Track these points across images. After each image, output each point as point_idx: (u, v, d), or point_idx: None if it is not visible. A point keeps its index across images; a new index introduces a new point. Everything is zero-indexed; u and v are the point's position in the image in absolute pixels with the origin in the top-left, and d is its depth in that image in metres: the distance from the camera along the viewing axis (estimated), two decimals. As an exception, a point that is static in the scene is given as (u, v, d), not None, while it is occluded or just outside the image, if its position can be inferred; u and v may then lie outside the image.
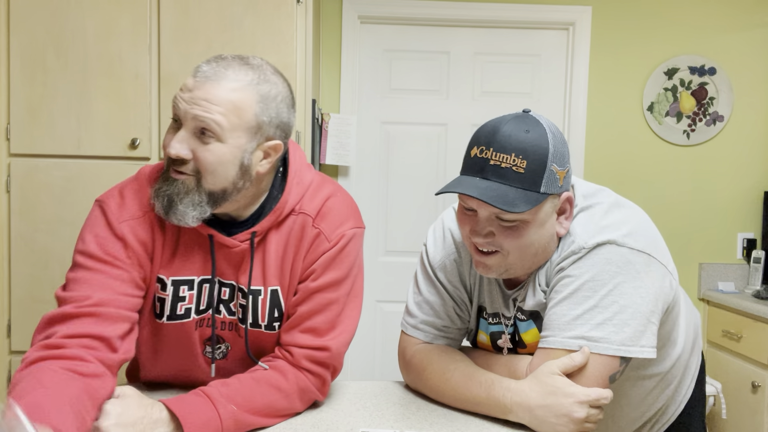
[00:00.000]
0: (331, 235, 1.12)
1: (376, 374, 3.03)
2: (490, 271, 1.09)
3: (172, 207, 1.03)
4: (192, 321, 1.14)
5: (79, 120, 2.13)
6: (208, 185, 1.03)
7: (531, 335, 1.14)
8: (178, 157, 1.01)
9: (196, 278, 1.12)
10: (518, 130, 1.01)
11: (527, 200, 1.00)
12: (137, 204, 1.09)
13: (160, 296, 1.12)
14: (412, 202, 3.01)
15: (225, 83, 1.00)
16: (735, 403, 2.69)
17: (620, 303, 1.02)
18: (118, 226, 1.07)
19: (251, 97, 1.02)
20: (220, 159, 1.01)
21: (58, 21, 2.11)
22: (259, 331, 1.15)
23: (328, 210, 1.14)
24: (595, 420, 1.01)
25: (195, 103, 0.99)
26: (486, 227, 1.05)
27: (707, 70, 2.95)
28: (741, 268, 3.01)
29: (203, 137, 1.01)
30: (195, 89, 1.00)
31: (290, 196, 1.12)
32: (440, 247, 1.24)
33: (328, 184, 1.19)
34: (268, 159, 1.07)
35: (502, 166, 1.00)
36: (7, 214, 2.13)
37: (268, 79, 1.05)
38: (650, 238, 1.08)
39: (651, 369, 1.17)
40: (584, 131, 2.97)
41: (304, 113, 2.18)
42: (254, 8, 2.14)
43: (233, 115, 1.00)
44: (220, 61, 1.03)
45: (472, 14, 2.91)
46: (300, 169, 1.15)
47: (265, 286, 1.13)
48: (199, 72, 1.01)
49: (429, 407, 1.16)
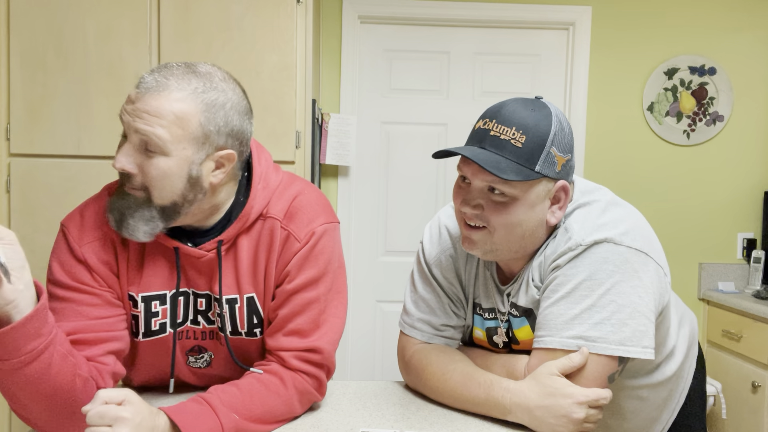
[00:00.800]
0: (301, 234, 1.10)
1: (376, 374, 3.03)
2: (475, 246, 1.08)
3: (123, 222, 1.00)
4: (169, 335, 1.12)
5: (79, 120, 2.13)
6: (156, 200, 1.00)
7: (524, 332, 1.14)
8: (123, 171, 0.99)
9: (168, 292, 1.09)
10: (524, 108, 1.04)
11: (519, 173, 1.00)
12: (97, 224, 1.07)
13: (134, 314, 1.09)
14: (412, 202, 3.01)
15: (167, 93, 0.96)
16: (735, 403, 2.69)
17: (618, 302, 1.01)
18: (79, 250, 1.05)
19: (195, 107, 0.97)
20: (165, 173, 0.98)
21: (58, 21, 2.11)
22: (240, 339, 1.14)
23: (295, 210, 1.11)
24: (595, 420, 1.01)
25: (137, 116, 0.96)
26: (476, 198, 1.05)
27: (707, 70, 2.95)
28: (741, 268, 3.01)
29: (147, 151, 0.97)
30: (137, 101, 0.96)
31: (256, 201, 1.08)
32: (436, 243, 1.24)
33: (297, 183, 1.16)
34: (222, 169, 1.03)
35: (501, 138, 1.02)
36: (7, 214, 2.13)
37: (215, 86, 1.00)
38: (647, 237, 1.08)
39: (647, 379, 1.17)
40: (584, 131, 2.97)
41: (304, 113, 2.18)
42: (254, 8, 2.14)
43: (176, 126, 0.96)
44: (163, 70, 0.99)
45: (472, 14, 2.91)
46: (265, 172, 1.12)
47: (240, 293, 1.10)
48: (141, 83, 0.97)
49: (429, 407, 1.16)
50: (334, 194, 2.96)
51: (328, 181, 2.96)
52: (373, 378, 3.01)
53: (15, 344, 0.86)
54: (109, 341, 1.04)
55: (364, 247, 3.01)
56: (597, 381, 1.02)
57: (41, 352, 0.89)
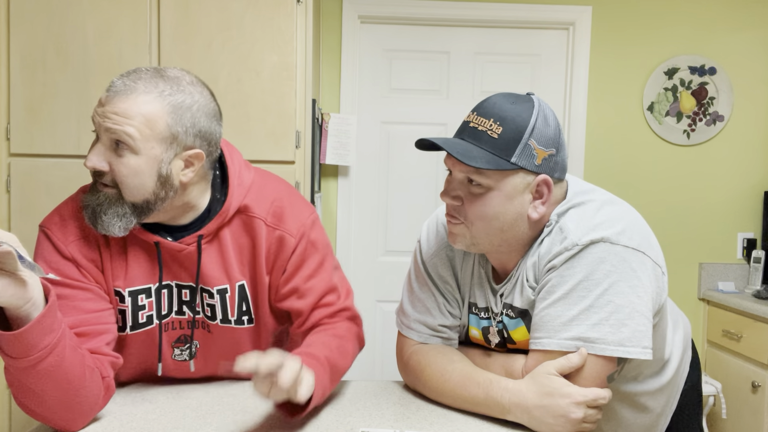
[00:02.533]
0: (293, 231, 1.19)
1: (376, 374, 3.03)
2: (457, 239, 1.10)
3: (97, 218, 1.05)
4: (155, 327, 1.17)
5: (79, 120, 2.13)
6: (128, 197, 1.05)
7: (519, 333, 1.13)
8: (94, 168, 1.04)
9: (153, 285, 1.15)
10: (505, 101, 1.05)
11: (491, 162, 1.01)
12: (78, 224, 1.12)
13: (121, 308, 1.14)
14: (412, 202, 3.01)
15: (135, 96, 1.02)
16: (735, 403, 2.69)
17: (616, 302, 1.00)
18: (66, 248, 1.10)
19: (162, 108, 1.03)
20: (135, 170, 1.03)
21: (58, 21, 2.11)
22: (230, 327, 1.20)
23: (279, 209, 1.19)
24: (594, 420, 1.00)
25: (107, 117, 1.01)
26: (456, 189, 1.07)
27: (707, 70, 2.95)
28: (741, 268, 3.01)
29: (118, 149, 1.03)
30: (107, 104, 1.02)
31: (233, 198, 1.15)
32: (433, 242, 1.24)
33: (270, 181, 1.23)
34: (191, 168, 1.09)
35: (478, 129, 1.04)
36: (7, 214, 2.13)
37: (182, 89, 1.05)
38: (644, 235, 1.06)
39: (646, 385, 1.16)
40: (584, 131, 2.97)
41: (304, 113, 2.18)
42: (254, 8, 2.14)
43: (144, 126, 1.02)
44: (132, 74, 1.04)
45: (472, 14, 2.91)
46: (239, 171, 1.18)
47: (231, 282, 1.17)
48: (111, 87, 1.03)
49: (429, 407, 1.16)
50: (334, 194, 2.96)
51: (328, 181, 2.95)
52: (373, 378, 3.01)
53: (33, 341, 0.90)
54: (105, 333, 1.09)
55: (364, 247, 3.01)
56: (596, 382, 1.01)
57: (55, 346, 0.93)
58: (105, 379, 1.06)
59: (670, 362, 1.20)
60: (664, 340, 1.17)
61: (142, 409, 1.12)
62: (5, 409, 2.18)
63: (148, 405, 1.14)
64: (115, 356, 1.10)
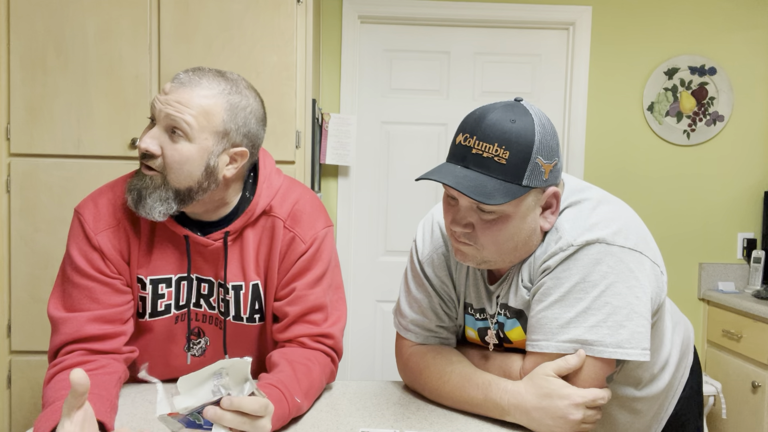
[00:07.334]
0: (306, 236, 1.22)
1: (376, 374, 3.03)
2: (467, 259, 1.07)
3: (141, 200, 1.10)
4: (172, 316, 1.22)
5: (79, 120, 2.13)
6: (174, 182, 1.10)
7: (516, 333, 1.12)
8: (147, 151, 1.08)
9: (174, 276, 1.20)
10: (504, 119, 0.98)
11: (506, 192, 0.97)
12: (111, 213, 1.17)
13: (142, 295, 1.20)
14: (412, 202, 3.01)
15: (198, 90, 1.09)
16: (735, 403, 2.69)
17: (613, 304, 0.99)
18: (95, 238, 1.15)
19: (221, 105, 1.10)
20: (186, 157, 1.09)
21: (58, 21, 2.11)
22: (241, 324, 1.24)
23: (299, 213, 1.23)
24: (593, 421, 1.00)
25: (169, 104, 1.08)
26: (466, 217, 1.03)
27: (707, 70, 2.95)
28: (741, 268, 3.01)
29: (173, 136, 1.08)
30: (171, 93, 1.08)
31: (261, 198, 1.20)
32: (428, 241, 1.23)
33: (296, 187, 1.27)
34: (234, 164, 1.15)
35: (483, 156, 0.98)
36: (7, 214, 2.13)
37: (240, 91, 1.13)
38: (640, 235, 1.05)
39: (642, 391, 1.16)
40: (584, 131, 2.97)
41: (304, 113, 2.18)
42: (254, 8, 2.14)
43: (202, 117, 1.08)
44: (197, 71, 1.12)
45: (472, 14, 2.91)
46: (270, 174, 1.24)
47: (246, 281, 1.21)
48: (176, 78, 1.10)
49: (429, 407, 1.16)
50: (334, 194, 2.96)
51: (328, 181, 2.95)
52: (373, 378, 3.01)
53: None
54: (122, 335, 1.16)
55: (364, 247, 3.01)
56: (594, 383, 1.01)
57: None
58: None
59: (668, 365, 1.19)
60: (662, 345, 1.16)
61: (142, 409, 1.12)
62: (5, 409, 2.18)
63: (148, 405, 1.14)
64: (130, 350, 1.17)
